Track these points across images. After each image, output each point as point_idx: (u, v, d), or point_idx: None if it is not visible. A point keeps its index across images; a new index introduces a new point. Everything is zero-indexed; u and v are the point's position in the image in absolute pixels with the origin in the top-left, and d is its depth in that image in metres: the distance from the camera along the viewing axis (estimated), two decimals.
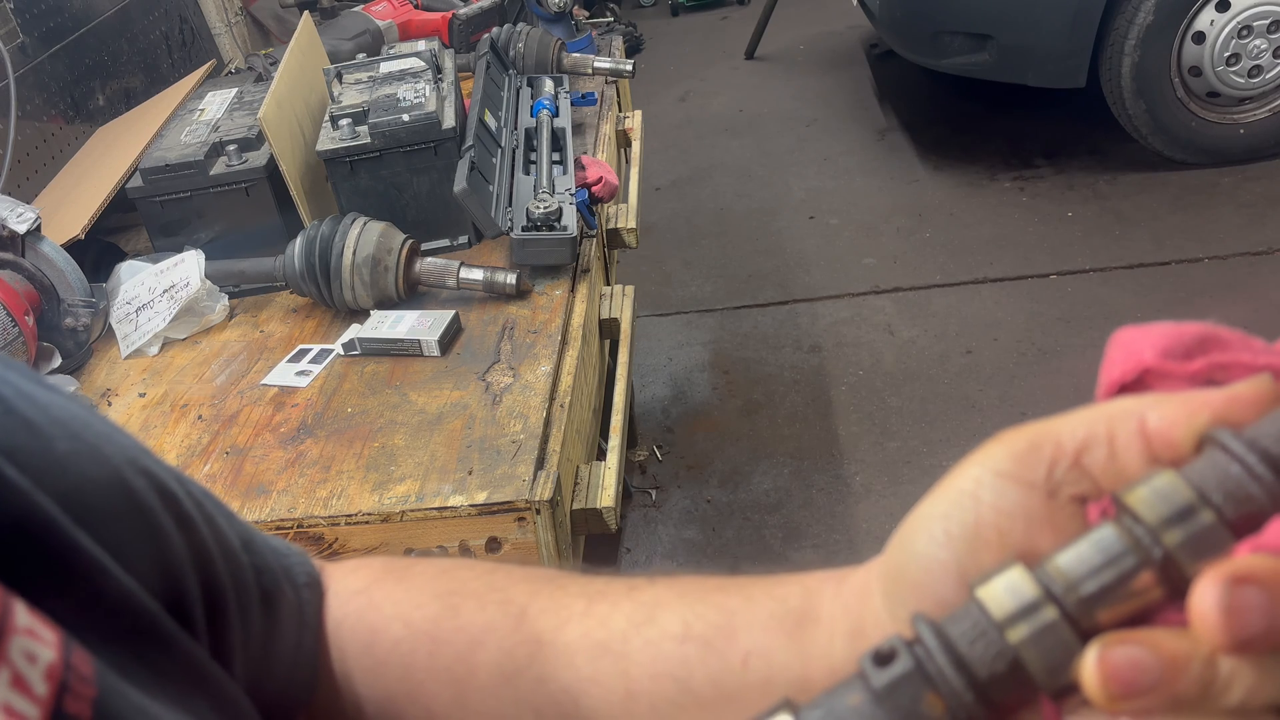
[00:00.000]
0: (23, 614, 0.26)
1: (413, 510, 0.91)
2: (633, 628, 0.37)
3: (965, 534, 0.28)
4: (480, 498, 0.90)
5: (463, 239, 1.34)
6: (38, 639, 0.26)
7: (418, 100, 1.31)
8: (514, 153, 1.38)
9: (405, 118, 1.27)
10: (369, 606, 0.43)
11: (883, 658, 0.27)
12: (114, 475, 0.33)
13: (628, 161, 1.75)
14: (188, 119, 1.46)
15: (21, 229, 1.20)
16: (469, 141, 1.27)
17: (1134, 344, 0.29)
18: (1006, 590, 0.26)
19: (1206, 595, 0.23)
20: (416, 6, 2.03)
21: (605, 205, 1.43)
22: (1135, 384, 0.29)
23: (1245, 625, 0.22)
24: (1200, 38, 2.71)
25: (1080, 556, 0.26)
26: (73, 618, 0.28)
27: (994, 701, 0.26)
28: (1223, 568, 0.23)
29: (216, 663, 0.35)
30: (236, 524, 0.40)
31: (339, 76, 1.42)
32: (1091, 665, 0.24)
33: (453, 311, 1.15)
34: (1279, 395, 0.27)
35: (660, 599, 0.38)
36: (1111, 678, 0.23)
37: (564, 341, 1.11)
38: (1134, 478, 0.26)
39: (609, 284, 1.44)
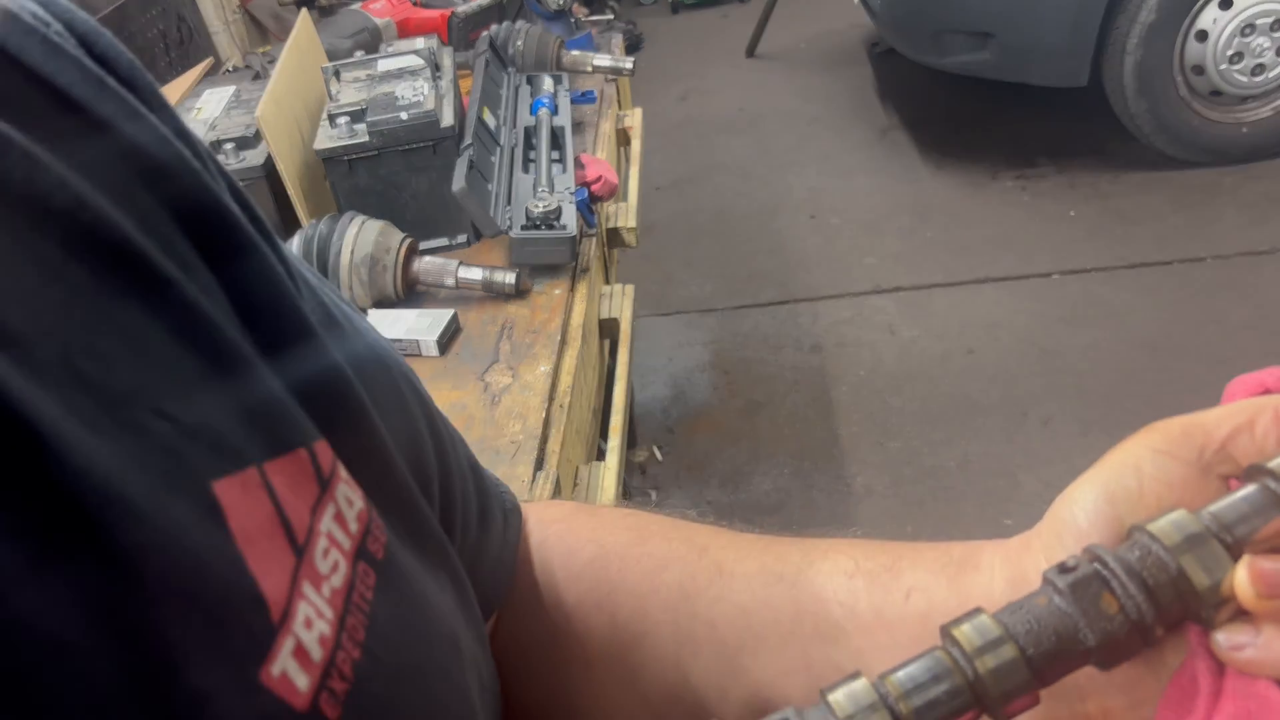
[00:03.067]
0: (343, 469, 0.31)
1: None
2: (807, 563, 0.42)
3: (1129, 496, 0.33)
4: None
5: (461, 238, 1.33)
6: (354, 489, 0.31)
7: (416, 98, 1.30)
8: (513, 151, 1.37)
9: (404, 116, 1.26)
10: (568, 531, 0.48)
11: (1066, 568, 0.31)
12: (392, 381, 0.38)
13: (627, 160, 1.74)
14: (185, 117, 1.46)
15: None
16: (468, 140, 1.26)
17: (1254, 377, 0.36)
18: (1173, 525, 0.31)
19: None
20: (415, 4, 2.03)
21: (605, 204, 1.42)
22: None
23: None
24: (1203, 36, 2.71)
25: (1232, 506, 0.31)
26: (369, 487, 0.32)
27: (1160, 605, 0.30)
28: None
29: None
30: (464, 447, 0.45)
31: (337, 74, 1.41)
32: (1243, 571, 0.30)
33: (451, 311, 1.14)
34: None
35: (835, 545, 0.43)
36: (1259, 578, 0.29)
37: (563, 341, 1.11)
38: (1271, 456, 0.32)
39: (609, 283, 1.43)
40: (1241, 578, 0.29)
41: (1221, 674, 0.30)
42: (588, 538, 0.47)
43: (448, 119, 1.29)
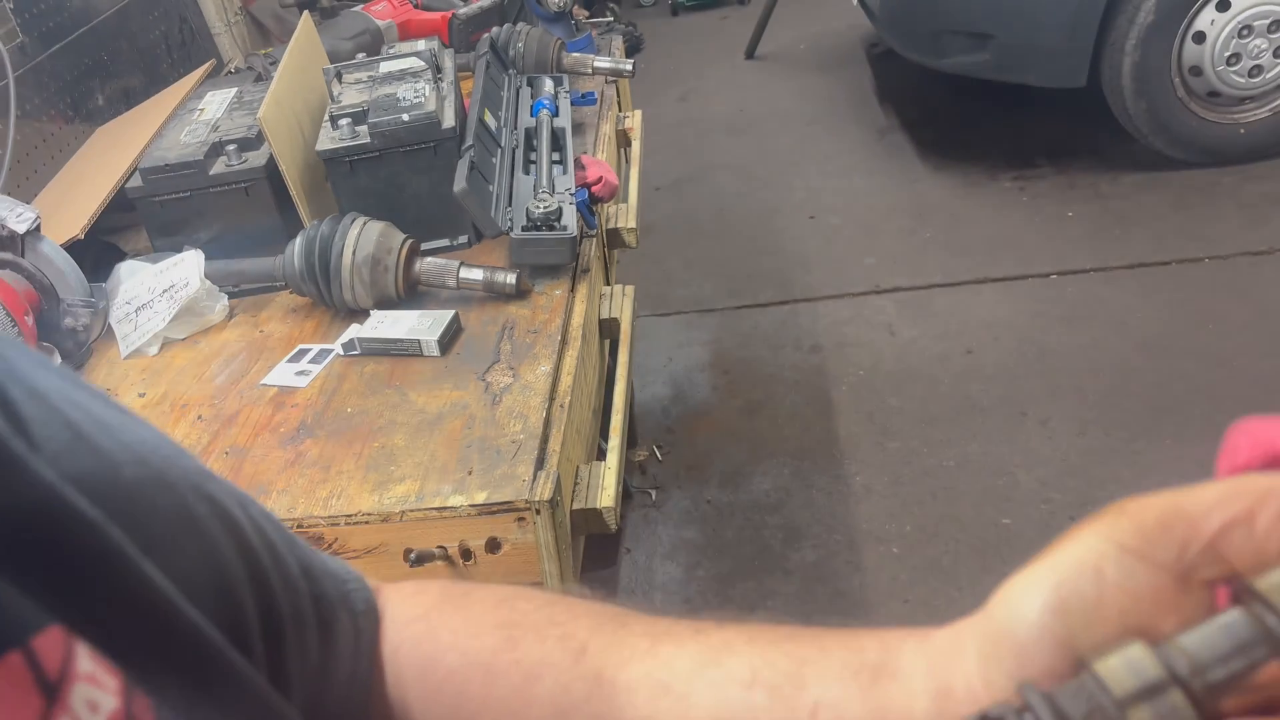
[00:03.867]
0: (85, 660, 0.25)
1: (412, 510, 0.91)
2: (697, 670, 0.37)
3: (1084, 607, 0.27)
4: (480, 498, 0.90)
5: (462, 239, 1.33)
6: (100, 686, 0.25)
7: (417, 100, 1.30)
8: (514, 152, 1.38)
9: (405, 117, 1.26)
10: (427, 634, 0.43)
11: None
12: (178, 502, 0.33)
13: (628, 161, 1.74)
14: (187, 119, 1.46)
15: (21, 229, 1.20)
16: (469, 141, 1.27)
17: (1262, 431, 0.29)
18: (1127, 668, 0.25)
19: None
20: (416, 6, 2.03)
21: (605, 205, 1.43)
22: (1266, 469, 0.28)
23: None
24: (1201, 37, 2.71)
25: (1208, 641, 0.25)
26: (141, 652, 0.28)
27: None
28: None
29: (275, 686, 0.34)
30: (297, 549, 0.40)
31: (338, 76, 1.42)
32: None
33: (452, 311, 1.15)
34: None
35: (729, 643, 0.37)
36: None
37: (564, 341, 1.11)
38: (1272, 564, 0.25)
39: (609, 284, 1.43)
40: None
41: None
42: (449, 644, 0.42)
43: (449, 120, 1.29)
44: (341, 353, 1.16)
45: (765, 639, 0.37)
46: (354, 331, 1.17)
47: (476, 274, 1.18)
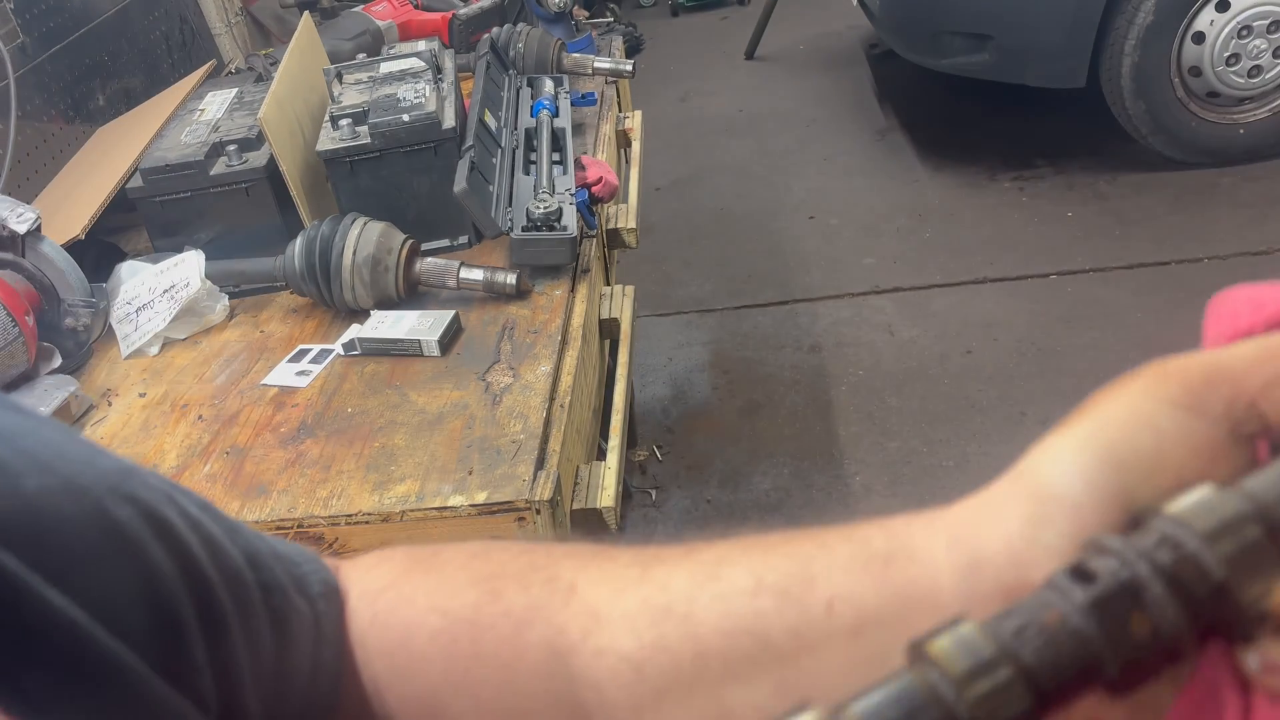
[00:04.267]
0: None
1: (413, 510, 0.91)
2: (697, 587, 0.34)
3: (1143, 461, 0.27)
4: (480, 498, 0.90)
5: (463, 239, 1.34)
6: None
7: (418, 100, 1.31)
8: (514, 153, 1.38)
9: (405, 118, 1.27)
10: (400, 601, 0.40)
11: (1085, 574, 0.25)
12: (93, 509, 0.31)
13: (628, 161, 1.75)
14: (188, 119, 1.46)
15: (22, 229, 1.20)
16: (469, 141, 1.27)
17: (1259, 296, 0.29)
18: (1205, 509, 0.25)
19: None
20: (416, 7, 2.03)
21: (605, 205, 1.43)
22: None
23: None
24: (1200, 38, 2.71)
25: (1271, 482, 0.25)
26: (47, 692, 0.26)
27: (1198, 621, 0.24)
28: None
29: (224, 688, 0.33)
30: (242, 537, 0.37)
31: (339, 77, 1.42)
32: None
33: (453, 311, 1.15)
34: None
35: (724, 556, 0.35)
36: None
37: (564, 341, 1.11)
38: None
39: (609, 284, 1.44)
40: None
41: (1250, 691, 0.25)
42: (427, 606, 0.39)
43: (449, 121, 1.29)
44: (342, 353, 1.16)
45: (761, 546, 0.35)
46: (354, 332, 1.17)
47: (477, 274, 1.18)
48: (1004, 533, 0.29)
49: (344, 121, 1.29)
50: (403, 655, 0.39)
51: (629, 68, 1.69)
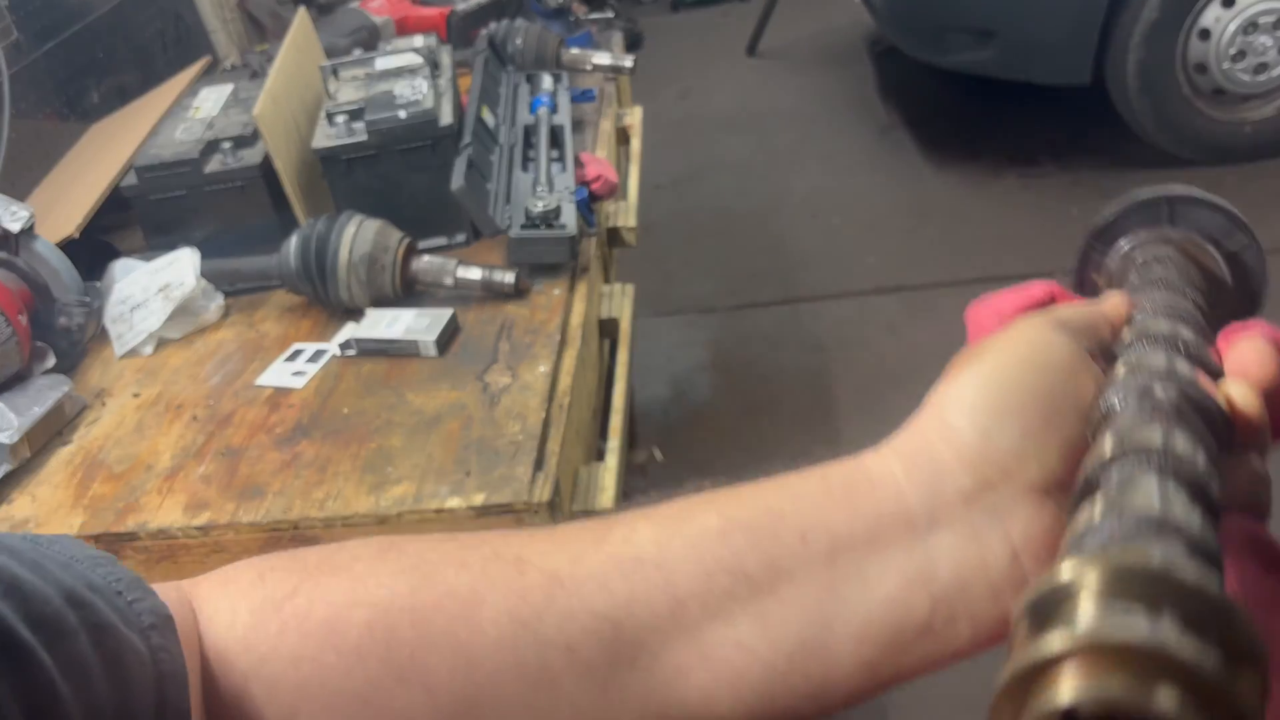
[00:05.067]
0: None
1: (410, 512, 0.89)
2: (665, 537, 0.34)
3: (1064, 365, 0.34)
4: (478, 499, 0.89)
5: (460, 237, 1.32)
6: None
7: (415, 97, 1.29)
8: (512, 150, 1.37)
9: (402, 115, 1.25)
10: (314, 603, 0.36)
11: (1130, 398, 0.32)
12: None
13: (627, 159, 1.73)
14: (182, 116, 1.45)
15: (15, 227, 1.19)
16: (467, 139, 1.26)
17: (1000, 308, 0.41)
18: (1144, 332, 0.36)
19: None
20: (414, 2, 2.02)
21: (604, 203, 1.42)
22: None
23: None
24: (1206, 34, 2.70)
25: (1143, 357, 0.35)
26: None
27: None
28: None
29: None
30: (56, 576, 0.32)
31: (335, 73, 1.40)
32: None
33: (450, 311, 1.14)
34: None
35: (686, 508, 0.36)
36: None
37: (563, 341, 1.10)
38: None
39: (608, 283, 1.42)
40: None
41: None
42: (348, 601, 0.36)
43: (447, 117, 1.28)
44: (338, 353, 1.14)
45: (721, 495, 0.36)
46: (350, 331, 1.15)
47: (474, 273, 1.16)
48: (956, 445, 0.33)
49: (340, 118, 1.27)
50: (330, 655, 0.35)
51: (628, 64, 1.68)
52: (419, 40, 1.50)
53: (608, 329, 1.30)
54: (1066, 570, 0.23)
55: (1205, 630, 0.21)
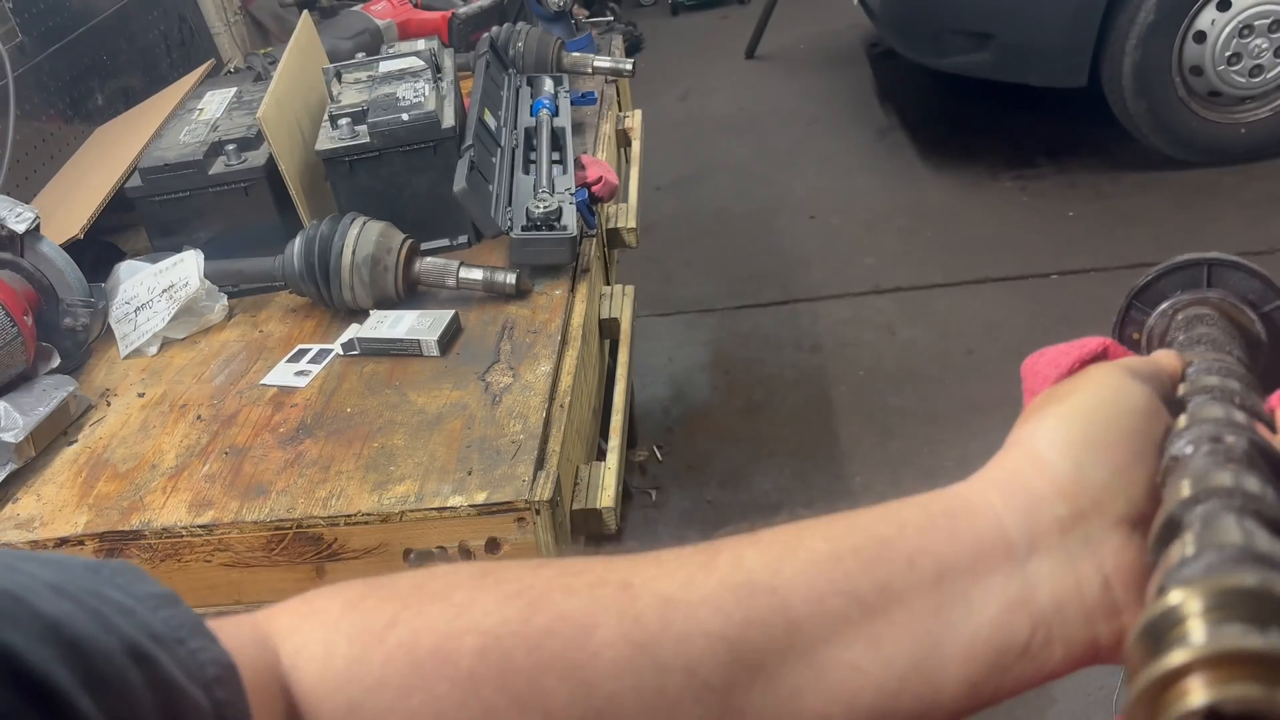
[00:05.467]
0: None
1: (412, 511, 0.90)
2: (776, 561, 0.35)
3: (1144, 409, 0.37)
4: (480, 498, 0.90)
5: (462, 239, 1.33)
6: None
7: (417, 99, 1.30)
8: (514, 152, 1.38)
9: (404, 117, 1.26)
10: (420, 632, 0.35)
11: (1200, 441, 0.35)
12: None
13: (628, 161, 1.74)
14: (186, 118, 1.46)
15: (20, 229, 1.20)
16: (468, 141, 1.27)
17: (1058, 360, 0.44)
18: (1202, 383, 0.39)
19: None
20: (416, 6, 2.03)
21: (605, 205, 1.43)
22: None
23: None
24: (1201, 37, 2.71)
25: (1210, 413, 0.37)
26: None
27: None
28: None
29: None
30: (118, 624, 0.30)
31: (338, 76, 1.41)
32: None
33: (452, 311, 1.15)
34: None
35: (790, 534, 0.36)
36: None
37: (564, 341, 1.11)
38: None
39: (609, 284, 1.43)
40: None
41: None
42: (457, 630, 0.35)
43: (449, 120, 1.29)
44: (341, 353, 1.15)
45: (823, 523, 0.37)
46: (353, 331, 1.16)
47: (476, 274, 1.17)
48: (1050, 477, 0.35)
49: (343, 121, 1.28)
50: (443, 685, 0.34)
51: (629, 67, 1.69)
52: (421, 43, 1.51)
53: (608, 329, 1.31)
54: (1175, 597, 0.26)
55: None
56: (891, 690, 0.34)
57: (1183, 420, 0.36)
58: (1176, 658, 0.25)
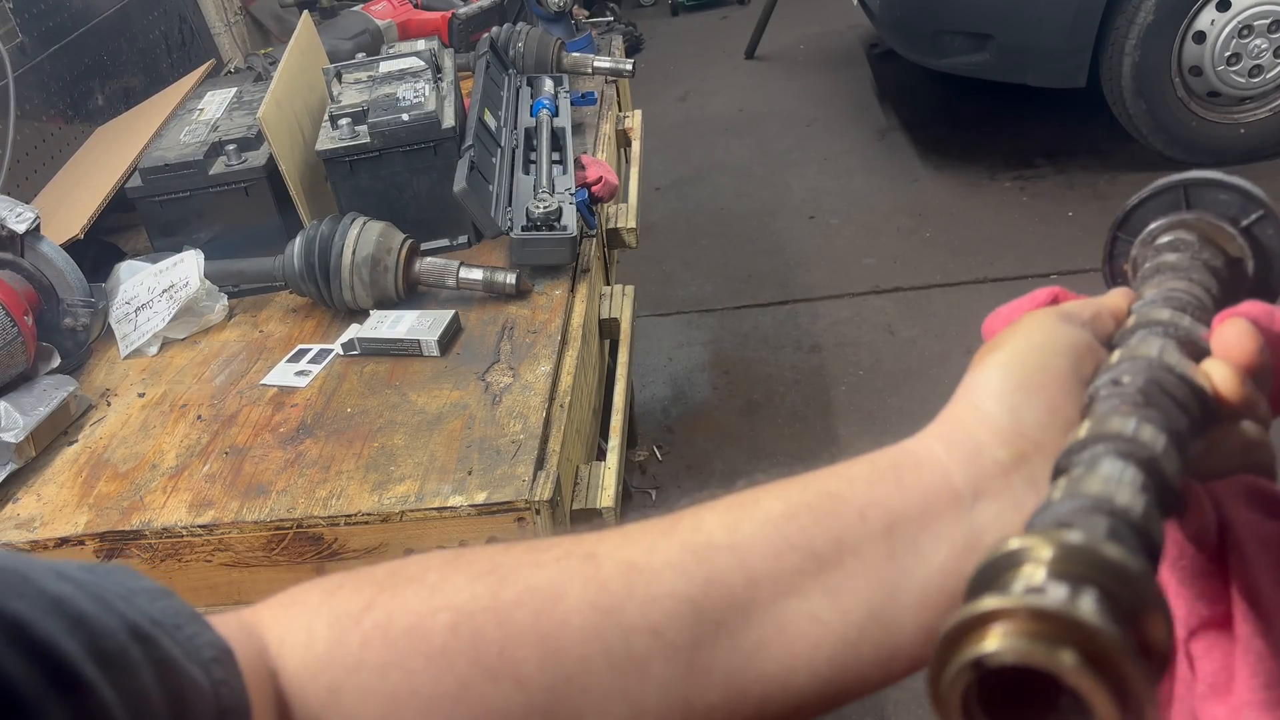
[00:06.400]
0: None
1: (412, 510, 0.91)
2: (734, 521, 0.37)
3: (1074, 349, 0.38)
4: (480, 498, 0.90)
5: (462, 239, 1.33)
6: None
7: (417, 100, 1.30)
8: (514, 152, 1.38)
9: (405, 117, 1.26)
10: (394, 613, 0.37)
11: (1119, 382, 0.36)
12: None
13: (627, 161, 1.74)
14: (187, 119, 1.46)
15: (21, 229, 1.20)
16: (469, 141, 1.27)
17: (1007, 314, 0.43)
18: (1148, 314, 0.39)
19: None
20: (416, 6, 2.03)
21: (605, 205, 1.43)
22: None
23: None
24: (1201, 37, 2.71)
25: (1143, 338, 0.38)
26: None
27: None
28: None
29: None
30: (120, 608, 0.31)
31: (338, 76, 1.41)
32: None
33: (452, 311, 1.15)
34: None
35: (746, 497, 0.38)
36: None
37: (564, 341, 1.11)
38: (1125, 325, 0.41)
39: (609, 284, 1.43)
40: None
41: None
42: (428, 609, 0.36)
43: (449, 120, 1.29)
44: (341, 353, 1.16)
45: (777, 485, 0.38)
46: (354, 331, 1.17)
47: (476, 274, 1.17)
48: (989, 424, 0.36)
49: (343, 121, 1.29)
50: (418, 661, 0.36)
51: (629, 67, 1.69)
52: (421, 44, 1.51)
53: (608, 329, 1.31)
54: (1012, 543, 0.27)
55: (1117, 603, 0.25)
56: (851, 639, 0.35)
57: (1112, 358, 0.37)
58: (983, 604, 0.25)
